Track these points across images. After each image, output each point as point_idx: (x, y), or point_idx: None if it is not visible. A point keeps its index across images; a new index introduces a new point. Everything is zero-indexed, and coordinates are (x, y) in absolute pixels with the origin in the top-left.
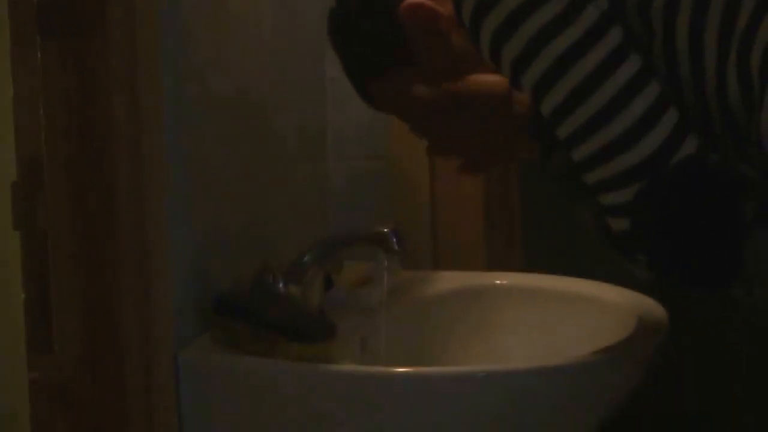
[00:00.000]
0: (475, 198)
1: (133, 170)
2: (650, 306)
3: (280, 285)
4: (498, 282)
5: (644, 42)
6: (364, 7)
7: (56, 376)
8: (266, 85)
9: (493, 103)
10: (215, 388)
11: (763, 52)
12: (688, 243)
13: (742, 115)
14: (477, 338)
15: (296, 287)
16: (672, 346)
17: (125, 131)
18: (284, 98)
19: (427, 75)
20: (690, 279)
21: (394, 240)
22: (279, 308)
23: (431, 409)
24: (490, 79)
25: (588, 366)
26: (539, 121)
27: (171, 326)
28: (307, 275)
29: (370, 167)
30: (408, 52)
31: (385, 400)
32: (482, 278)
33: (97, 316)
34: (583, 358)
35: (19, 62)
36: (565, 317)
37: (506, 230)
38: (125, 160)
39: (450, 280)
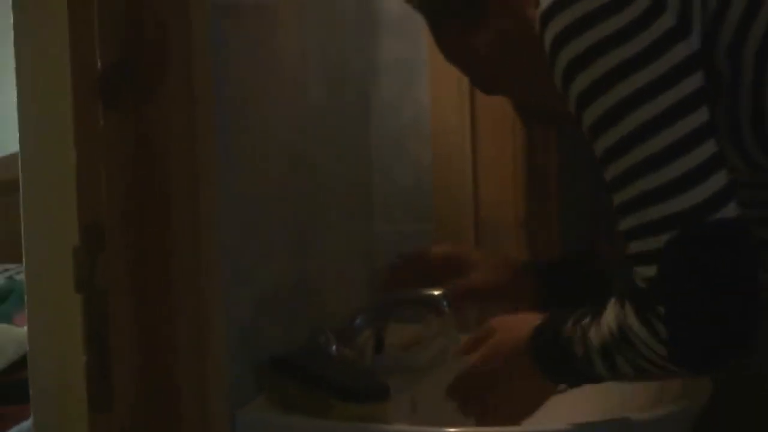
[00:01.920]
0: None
1: (190, 233)
2: None
3: (333, 347)
4: None
5: (730, 84)
6: None
7: None
8: (315, 147)
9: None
10: None
11: None
12: (704, 301)
13: None
14: None
15: (348, 349)
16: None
17: (183, 195)
18: (332, 160)
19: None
20: (695, 344)
21: (445, 303)
22: (332, 369)
23: None
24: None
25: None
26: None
27: (227, 386)
28: (360, 337)
29: (417, 229)
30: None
31: None
32: None
33: (155, 375)
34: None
35: (81, 129)
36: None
37: None
38: (183, 223)
39: None
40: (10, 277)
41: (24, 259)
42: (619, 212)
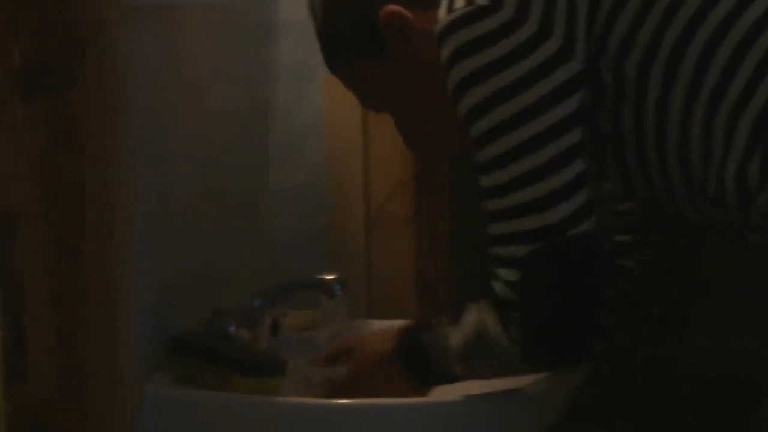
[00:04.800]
0: (408, 252)
1: (101, 221)
2: None
3: (232, 328)
4: None
5: (615, 100)
6: (349, 4)
7: (32, 406)
8: (216, 145)
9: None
10: (175, 418)
11: (731, 108)
12: (556, 307)
13: (701, 171)
14: None
15: (246, 331)
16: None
17: (95, 187)
18: (232, 157)
19: (393, 75)
20: (545, 346)
21: (337, 287)
22: (232, 348)
23: None
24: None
25: (511, 397)
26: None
27: (136, 362)
28: (256, 319)
29: (311, 222)
30: (382, 50)
31: (328, 427)
32: None
33: (69, 351)
34: (510, 391)
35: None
36: None
37: (437, 282)
38: (94, 212)
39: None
40: None
41: None
42: (491, 218)
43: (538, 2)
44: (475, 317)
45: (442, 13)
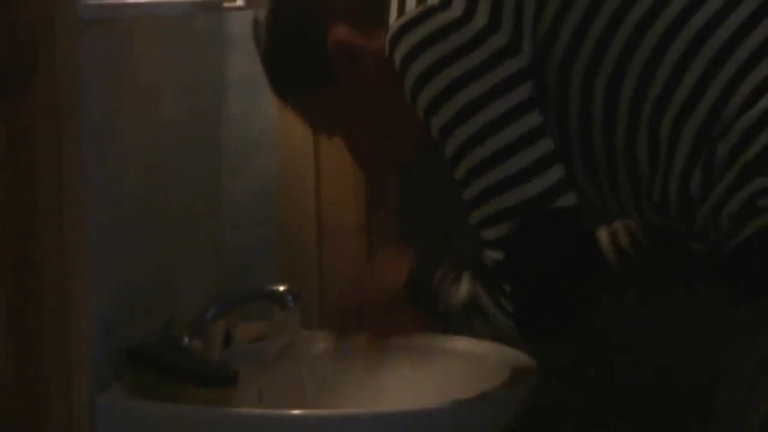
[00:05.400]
0: (360, 260)
1: (56, 230)
2: (519, 357)
3: (185, 339)
4: None
5: (560, 100)
6: (294, 33)
7: None
8: (169, 154)
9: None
10: (128, 430)
11: (674, 119)
12: (545, 281)
13: (646, 176)
14: (364, 388)
15: (199, 341)
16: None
17: (49, 194)
18: (185, 166)
19: (344, 99)
20: (537, 319)
21: (289, 297)
22: (185, 358)
23: None
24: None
25: (459, 408)
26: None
27: (88, 373)
28: (209, 330)
29: (262, 231)
30: (330, 74)
31: None
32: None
33: (23, 361)
34: (455, 401)
35: None
36: (440, 370)
37: None
38: (49, 221)
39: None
40: None
41: None
42: (470, 205)
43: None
44: (469, 287)
45: (392, 15)
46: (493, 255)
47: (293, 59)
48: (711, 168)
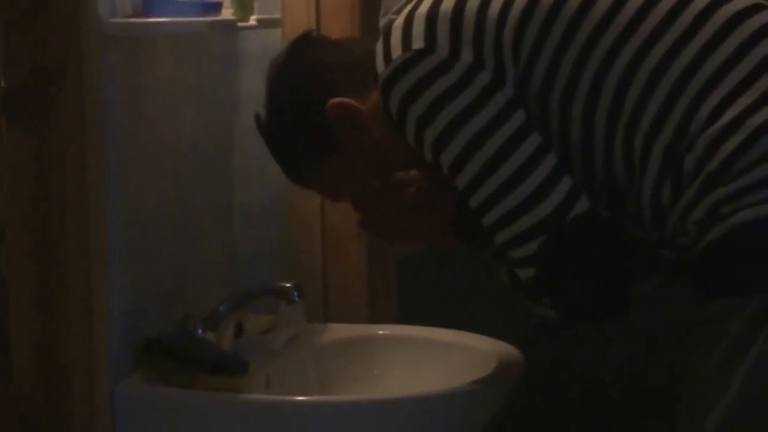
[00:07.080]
0: (359, 262)
1: (82, 232)
2: (508, 350)
3: (200, 331)
4: (380, 332)
5: (542, 124)
6: (295, 111)
7: (16, 404)
8: (187, 166)
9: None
10: (146, 415)
11: (644, 137)
12: (582, 285)
13: (622, 189)
14: (363, 377)
15: (212, 333)
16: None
17: (76, 201)
18: (201, 177)
19: (353, 163)
20: (583, 316)
21: (296, 293)
22: (199, 348)
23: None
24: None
25: (453, 395)
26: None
27: (109, 362)
28: (221, 323)
29: (272, 236)
30: (335, 144)
31: (287, 423)
32: (368, 329)
33: (49, 352)
34: (448, 389)
35: None
36: (434, 361)
37: (385, 290)
38: (75, 224)
39: (342, 331)
40: None
41: None
42: (491, 230)
43: (468, 40)
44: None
45: (380, 66)
46: (524, 273)
47: (298, 135)
48: (680, 179)
